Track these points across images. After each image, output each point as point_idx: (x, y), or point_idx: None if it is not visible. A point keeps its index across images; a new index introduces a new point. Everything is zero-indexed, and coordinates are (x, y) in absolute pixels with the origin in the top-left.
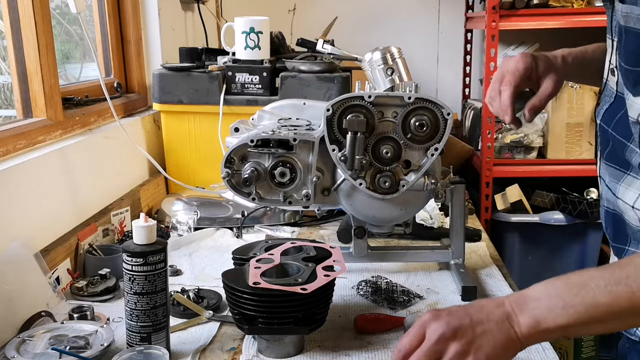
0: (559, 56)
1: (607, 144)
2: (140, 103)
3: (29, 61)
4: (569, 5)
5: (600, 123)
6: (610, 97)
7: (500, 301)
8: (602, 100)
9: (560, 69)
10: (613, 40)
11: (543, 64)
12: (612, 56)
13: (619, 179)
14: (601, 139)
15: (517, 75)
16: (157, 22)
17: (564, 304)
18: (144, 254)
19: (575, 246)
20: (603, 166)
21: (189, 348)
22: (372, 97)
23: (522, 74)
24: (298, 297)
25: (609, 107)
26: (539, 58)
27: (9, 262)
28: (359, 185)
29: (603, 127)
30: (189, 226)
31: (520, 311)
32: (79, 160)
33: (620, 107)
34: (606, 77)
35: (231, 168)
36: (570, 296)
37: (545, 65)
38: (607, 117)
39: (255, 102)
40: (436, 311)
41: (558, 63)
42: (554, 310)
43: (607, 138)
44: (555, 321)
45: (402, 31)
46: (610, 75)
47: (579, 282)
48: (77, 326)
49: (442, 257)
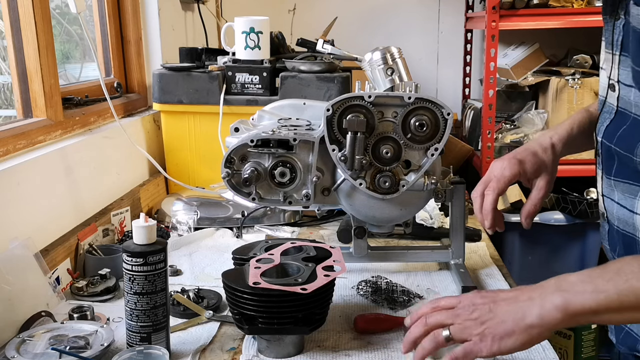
0: (549, 148)
1: (612, 160)
2: (140, 103)
3: (29, 61)
4: (569, 5)
5: (602, 140)
6: (610, 113)
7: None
8: (602, 117)
9: (550, 166)
10: (614, 55)
11: (532, 166)
12: (611, 71)
13: (635, 193)
14: (604, 156)
15: (501, 182)
16: (157, 22)
17: (594, 288)
18: (144, 254)
19: (575, 246)
20: (609, 183)
21: (189, 348)
22: (372, 97)
23: (507, 180)
24: (298, 297)
25: (610, 123)
26: (527, 162)
27: (9, 262)
28: (359, 185)
29: (605, 144)
30: (189, 226)
31: (551, 293)
32: (79, 160)
33: (621, 123)
34: (604, 95)
35: (231, 168)
36: (603, 281)
37: (535, 167)
38: (609, 133)
39: (255, 102)
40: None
41: (548, 159)
42: (583, 294)
43: (611, 154)
44: (584, 305)
45: (402, 31)
46: (609, 91)
47: (614, 268)
48: (77, 326)
49: (442, 257)
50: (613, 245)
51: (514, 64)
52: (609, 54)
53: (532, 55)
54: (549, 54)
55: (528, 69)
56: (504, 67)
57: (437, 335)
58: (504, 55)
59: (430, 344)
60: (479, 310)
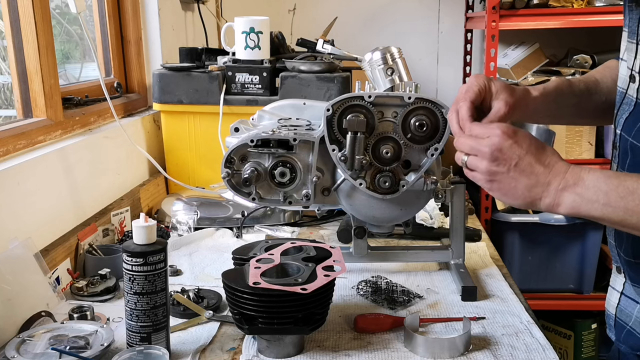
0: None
1: (626, 155)
2: (140, 103)
3: (29, 61)
4: (569, 5)
5: (621, 133)
6: (630, 105)
7: (560, 170)
8: (621, 109)
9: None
10: (639, 44)
11: (500, 85)
12: (634, 62)
13: None
14: (621, 150)
15: (470, 92)
16: (157, 22)
17: (606, 201)
18: (144, 254)
19: (575, 246)
20: None
21: (189, 348)
22: (372, 97)
23: (475, 90)
24: (298, 297)
25: (629, 115)
26: (494, 80)
27: (9, 262)
28: (359, 185)
29: (624, 137)
30: (189, 226)
31: (566, 189)
32: (79, 160)
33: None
34: (624, 87)
35: (231, 168)
36: (616, 197)
37: (499, 87)
38: (628, 126)
39: (255, 102)
40: (513, 131)
41: (518, 89)
42: (594, 204)
43: (626, 148)
44: (590, 213)
45: (402, 31)
46: (630, 83)
47: (631, 186)
48: (77, 326)
49: (442, 257)
50: (620, 241)
51: (514, 64)
52: (633, 43)
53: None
54: (549, 54)
55: (528, 69)
56: (504, 67)
57: (458, 155)
58: (504, 55)
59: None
60: (499, 164)
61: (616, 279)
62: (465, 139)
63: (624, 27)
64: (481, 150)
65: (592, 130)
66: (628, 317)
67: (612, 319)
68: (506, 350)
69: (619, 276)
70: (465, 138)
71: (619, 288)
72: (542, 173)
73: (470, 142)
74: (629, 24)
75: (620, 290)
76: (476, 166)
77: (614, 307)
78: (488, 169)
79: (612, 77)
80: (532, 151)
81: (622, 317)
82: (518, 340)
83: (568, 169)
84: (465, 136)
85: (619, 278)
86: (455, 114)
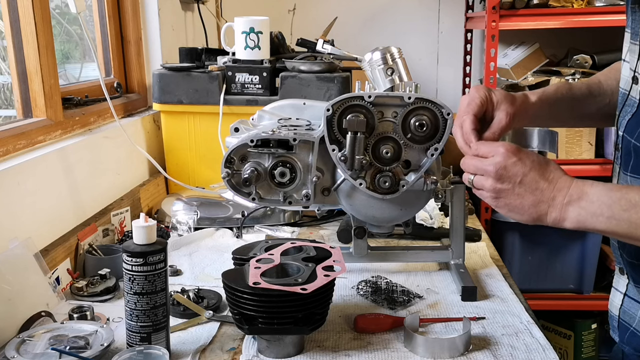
0: (522, 93)
1: (629, 156)
2: (140, 103)
3: (29, 61)
4: (569, 5)
5: (623, 135)
6: (632, 106)
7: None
8: (623, 111)
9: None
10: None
11: (500, 94)
12: (637, 63)
13: None
14: (623, 151)
15: (472, 105)
16: (157, 22)
17: (610, 215)
18: (144, 254)
19: (575, 246)
20: (625, 180)
21: (189, 348)
22: (372, 97)
23: (477, 102)
24: (298, 297)
25: (631, 117)
26: (494, 90)
27: (9, 262)
28: (359, 185)
29: (626, 138)
30: (189, 226)
31: (570, 204)
32: (79, 160)
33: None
34: (627, 88)
35: (231, 168)
36: (619, 209)
37: (499, 97)
38: (631, 128)
39: (255, 102)
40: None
41: (518, 97)
42: (598, 217)
43: (628, 150)
44: (595, 226)
45: (402, 31)
46: (632, 84)
47: (634, 199)
48: (77, 326)
49: (442, 257)
50: (622, 242)
51: (514, 64)
52: (635, 45)
53: (532, 55)
54: (549, 54)
55: (528, 69)
56: (504, 67)
57: (465, 176)
58: (504, 55)
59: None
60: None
61: (619, 280)
62: (470, 160)
63: (627, 29)
64: (486, 170)
65: (592, 130)
66: (632, 319)
67: (616, 321)
68: (506, 350)
69: (621, 277)
70: (470, 159)
71: (622, 289)
72: (547, 188)
73: (475, 163)
74: (632, 26)
75: (623, 292)
76: (482, 185)
77: (617, 309)
78: (493, 187)
79: (617, 79)
80: (535, 167)
81: (625, 318)
82: (518, 340)
83: (572, 183)
84: (470, 157)
85: (622, 279)
86: (460, 129)
